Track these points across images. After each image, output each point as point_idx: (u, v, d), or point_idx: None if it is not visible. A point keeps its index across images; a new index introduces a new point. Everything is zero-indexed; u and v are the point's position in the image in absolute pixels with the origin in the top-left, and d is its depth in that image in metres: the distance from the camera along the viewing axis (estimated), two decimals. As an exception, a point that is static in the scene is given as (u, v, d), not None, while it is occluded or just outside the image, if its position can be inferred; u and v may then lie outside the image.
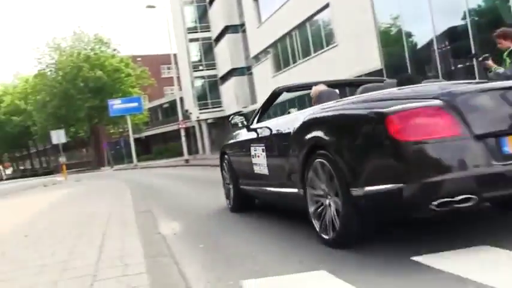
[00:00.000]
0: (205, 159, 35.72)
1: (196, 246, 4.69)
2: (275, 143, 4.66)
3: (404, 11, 18.46)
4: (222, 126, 50.27)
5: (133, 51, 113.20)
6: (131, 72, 54.11)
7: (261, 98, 34.28)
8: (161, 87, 64.24)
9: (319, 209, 3.78)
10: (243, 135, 5.86)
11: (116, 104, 46.23)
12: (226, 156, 6.72)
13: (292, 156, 4.11)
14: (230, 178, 6.54)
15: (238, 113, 6.91)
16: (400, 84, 4.34)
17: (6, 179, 78.50)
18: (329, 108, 3.87)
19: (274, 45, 32.22)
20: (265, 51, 34.11)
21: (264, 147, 4.88)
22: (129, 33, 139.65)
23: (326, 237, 3.70)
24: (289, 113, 5.32)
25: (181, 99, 44.02)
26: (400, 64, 18.51)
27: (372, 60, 20.19)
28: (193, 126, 48.98)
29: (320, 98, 4.60)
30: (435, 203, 2.90)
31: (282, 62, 31.20)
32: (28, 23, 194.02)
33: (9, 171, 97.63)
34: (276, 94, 5.61)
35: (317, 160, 3.66)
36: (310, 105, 4.66)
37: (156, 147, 58.94)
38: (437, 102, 3.11)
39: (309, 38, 27.27)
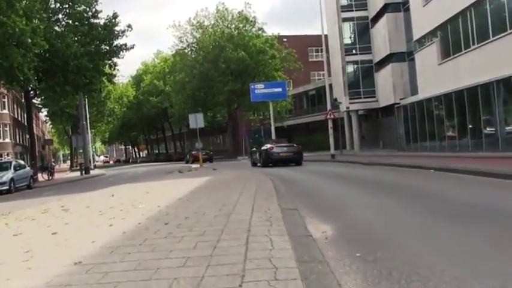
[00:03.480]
0: (353, 156, 35.32)
1: (353, 254, 4.67)
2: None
3: None
4: (374, 119, 49.38)
5: (279, 31, 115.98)
6: (276, 54, 55.34)
7: (423, 88, 33.17)
8: (308, 72, 64.93)
9: None
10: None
11: (259, 89, 47.24)
12: None
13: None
14: None
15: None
16: None
17: (140, 162, 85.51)
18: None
19: (442, 26, 30.71)
20: (431, 34, 32.65)
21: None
22: (275, 11, 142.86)
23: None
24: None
25: (330, 86, 43.65)
26: None
27: None
28: (342, 118, 48.68)
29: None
30: None
31: (451, 47, 29.69)
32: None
33: (143, 153, 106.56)
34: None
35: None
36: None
37: (298, 138, 59.76)
38: None
39: (488, 18, 25.55)
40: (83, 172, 40.42)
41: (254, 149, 32.79)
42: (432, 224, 6.28)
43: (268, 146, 28.92)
